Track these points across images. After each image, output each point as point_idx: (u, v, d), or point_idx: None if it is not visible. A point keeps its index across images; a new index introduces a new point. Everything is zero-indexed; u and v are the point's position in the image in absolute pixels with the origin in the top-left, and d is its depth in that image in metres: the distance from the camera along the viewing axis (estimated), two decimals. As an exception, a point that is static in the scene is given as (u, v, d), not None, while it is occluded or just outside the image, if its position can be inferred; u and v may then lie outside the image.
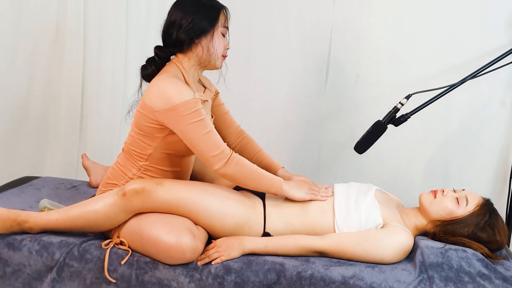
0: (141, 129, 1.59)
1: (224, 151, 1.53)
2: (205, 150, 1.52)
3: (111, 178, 1.68)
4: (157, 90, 1.53)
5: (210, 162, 1.53)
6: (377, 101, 2.30)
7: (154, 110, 1.52)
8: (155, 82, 1.56)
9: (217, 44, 1.60)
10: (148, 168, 1.64)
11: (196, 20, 1.56)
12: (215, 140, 1.53)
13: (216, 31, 1.59)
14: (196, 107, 1.51)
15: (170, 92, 1.50)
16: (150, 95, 1.54)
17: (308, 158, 2.48)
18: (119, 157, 1.70)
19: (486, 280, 1.42)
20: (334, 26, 2.31)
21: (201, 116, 1.51)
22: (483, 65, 1.79)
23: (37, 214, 1.60)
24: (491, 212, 1.58)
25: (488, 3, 2.09)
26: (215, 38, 1.59)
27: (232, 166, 1.54)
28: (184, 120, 1.50)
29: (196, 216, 1.55)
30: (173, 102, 1.49)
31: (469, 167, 2.26)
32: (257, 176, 1.59)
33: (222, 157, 1.53)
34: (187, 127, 1.50)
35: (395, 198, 1.77)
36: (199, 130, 1.51)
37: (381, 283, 1.42)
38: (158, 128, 1.56)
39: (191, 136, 1.52)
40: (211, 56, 1.60)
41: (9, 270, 1.57)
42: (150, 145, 1.60)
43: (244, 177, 1.57)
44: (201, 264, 1.50)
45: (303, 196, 1.63)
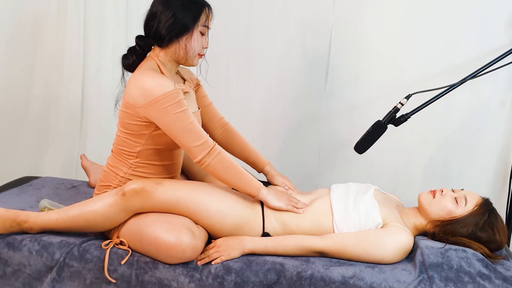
0: (127, 128, 1.60)
1: (207, 141, 1.53)
2: (188, 141, 1.52)
3: (103, 180, 1.69)
4: (136, 85, 1.53)
5: (193, 152, 1.53)
6: (377, 101, 2.30)
7: (136, 106, 1.52)
8: (133, 77, 1.57)
9: (195, 44, 1.59)
10: (138, 165, 1.64)
11: (177, 18, 1.54)
12: (198, 130, 1.53)
13: (195, 30, 1.58)
14: (178, 97, 1.50)
15: (150, 86, 1.50)
16: (130, 92, 1.55)
17: (308, 158, 2.48)
18: (109, 158, 1.71)
19: (486, 280, 1.42)
20: (334, 26, 2.31)
21: (184, 107, 1.51)
22: (483, 65, 1.79)
23: (37, 214, 1.60)
24: (490, 212, 1.58)
25: (488, 3, 2.09)
26: (193, 38, 1.58)
27: (214, 156, 1.53)
28: (166, 111, 1.49)
29: (195, 216, 1.55)
30: (153, 95, 1.49)
31: (469, 167, 2.25)
32: (237, 171, 1.57)
33: (205, 146, 1.53)
34: (169, 119, 1.50)
35: (394, 198, 1.77)
36: (182, 120, 1.50)
37: (381, 283, 1.42)
38: (144, 125, 1.56)
39: (173, 127, 1.51)
40: (187, 54, 1.59)
41: (9, 270, 1.57)
42: (138, 142, 1.61)
43: (225, 170, 1.56)
44: (201, 264, 1.50)
45: (280, 206, 1.61)
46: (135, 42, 1.65)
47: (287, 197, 1.65)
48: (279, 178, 1.84)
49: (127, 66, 1.64)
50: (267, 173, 1.86)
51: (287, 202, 1.62)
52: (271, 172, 1.85)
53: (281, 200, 1.62)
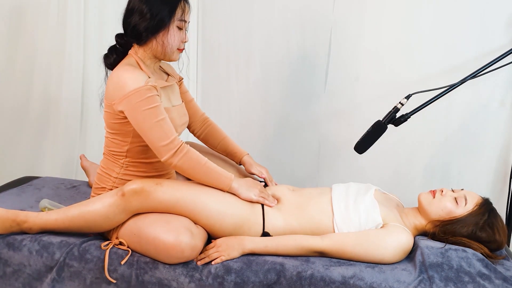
0: (112, 127, 1.60)
1: (173, 141, 1.52)
2: (155, 139, 1.52)
3: (98, 183, 1.69)
4: (111, 81, 1.54)
5: (159, 151, 1.53)
6: (377, 101, 2.30)
7: (112, 103, 1.53)
8: (110, 76, 1.57)
9: (172, 39, 1.58)
10: (129, 164, 1.64)
11: (152, 14, 1.54)
12: (166, 129, 1.52)
13: (171, 26, 1.57)
14: (148, 94, 1.50)
15: (123, 81, 1.50)
16: (108, 90, 1.56)
17: (308, 158, 2.48)
18: (102, 161, 1.71)
19: (486, 280, 1.42)
20: (334, 26, 2.31)
21: (154, 104, 1.50)
22: (483, 65, 1.79)
23: (36, 214, 1.60)
24: (490, 212, 1.58)
25: (488, 3, 2.09)
26: (170, 33, 1.57)
27: (180, 157, 1.53)
28: (136, 107, 1.49)
29: (195, 216, 1.55)
30: (125, 90, 1.49)
31: (469, 167, 2.25)
32: (205, 169, 1.57)
33: (171, 147, 1.52)
34: (138, 115, 1.50)
35: (394, 198, 1.77)
36: (150, 118, 1.50)
37: (381, 283, 1.42)
38: (124, 122, 1.57)
39: (142, 124, 1.51)
40: (165, 50, 1.59)
41: (9, 270, 1.57)
42: (124, 141, 1.61)
43: (191, 169, 1.56)
44: (201, 264, 1.50)
45: (251, 196, 1.62)
46: (115, 40, 1.65)
47: (260, 188, 1.66)
48: (256, 167, 1.85)
49: (108, 65, 1.64)
50: (245, 163, 1.87)
51: (257, 193, 1.63)
52: (248, 162, 1.86)
53: (251, 191, 1.62)
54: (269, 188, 1.75)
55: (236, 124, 2.54)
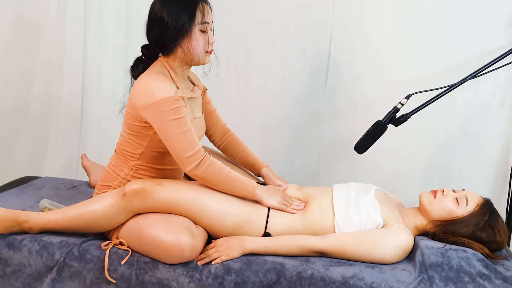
0: (130, 128, 1.60)
1: (197, 153, 1.53)
2: (179, 150, 1.52)
3: (104, 180, 1.69)
4: (140, 87, 1.54)
5: (183, 162, 1.53)
6: (377, 101, 2.30)
7: (137, 107, 1.53)
8: (139, 79, 1.57)
9: (196, 44, 1.57)
10: (140, 167, 1.64)
11: (171, 23, 1.53)
12: (190, 140, 1.52)
13: (194, 31, 1.56)
14: (176, 104, 1.50)
15: (152, 88, 1.50)
16: (134, 93, 1.55)
17: (308, 158, 2.48)
18: (112, 158, 1.71)
19: (486, 280, 1.42)
20: (334, 26, 2.31)
21: (181, 115, 1.51)
22: (483, 65, 1.79)
23: (37, 214, 1.60)
24: (491, 212, 1.58)
25: (488, 3, 2.09)
26: (193, 39, 1.56)
27: (204, 169, 1.53)
28: (163, 116, 1.49)
29: (196, 216, 1.55)
30: (153, 98, 1.49)
31: (469, 167, 2.25)
32: (228, 179, 1.58)
33: (194, 159, 1.52)
34: (164, 124, 1.50)
35: (395, 198, 1.77)
36: (176, 128, 1.50)
37: (381, 283, 1.42)
38: (145, 126, 1.56)
39: (167, 134, 1.51)
40: (192, 55, 1.58)
41: (9, 270, 1.57)
42: (140, 144, 1.61)
43: (215, 180, 1.56)
44: (201, 264, 1.50)
45: (274, 204, 1.62)
46: (140, 52, 1.65)
47: (282, 195, 1.66)
48: (275, 180, 1.83)
49: (135, 76, 1.63)
50: (265, 176, 1.86)
51: (280, 201, 1.63)
52: (267, 174, 1.85)
53: (274, 198, 1.63)
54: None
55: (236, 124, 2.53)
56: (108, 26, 2.54)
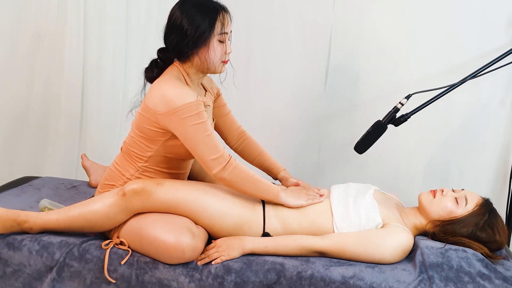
0: (143, 131, 1.59)
1: (223, 155, 1.53)
2: (205, 153, 1.52)
3: (108, 179, 1.68)
4: (159, 92, 1.52)
5: (209, 165, 1.53)
6: (377, 101, 2.30)
7: (156, 113, 1.52)
8: (157, 84, 1.56)
9: (213, 54, 1.58)
10: (146, 169, 1.63)
11: (191, 31, 1.53)
12: (215, 143, 1.53)
13: (212, 41, 1.56)
14: (198, 109, 1.50)
15: (172, 95, 1.50)
16: (152, 98, 1.54)
17: (308, 158, 2.48)
18: (117, 157, 1.70)
19: (486, 280, 1.42)
20: (334, 26, 2.31)
21: (203, 119, 1.51)
22: (483, 65, 1.79)
23: (37, 214, 1.60)
24: (491, 212, 1.58)
25: (488, 3, 2.09)
26: (211, 48, 1.57)
27: (230, 171, 1.53)
28: (186, 122, 1.49)
29: (196, 216, 1.55)
30: (174, 104, 1.49)
31: (469, 167, 2.26)
32: (254, 181, 1.58)
33: (221, 161, 1.52)
34: (188, 130, 1.50)
35: (394, 198, 1.77)
36: (200, 132, 1.50)
37: (381, 283, 1.42)
38: (160, 132, 1.56)
39: (191, 139, 1.51)
40: (209, 65, 1.59)
41: (9, 270, 1.57)
42: (150, 148, 1.60)
43: (241, 182, 1.56)
44: (201, 264, 1.50)
45: (302, 204, 1.62)
46: (156, 55, 1.64)
47: (305, 192, 1.67)
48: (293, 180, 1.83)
49: (150, 79, 1.63)
50: (282, 179, 1.85)
51: (306, 198, 1.64)
52: (285, 178, 1.85)
53: (300, 197, 1.64)
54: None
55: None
56: (108, 26, 2.54)
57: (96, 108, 2.63)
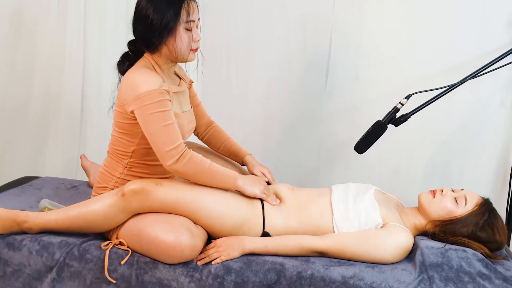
0: (120, 127, 1.60)
1: (177, 148, 1.52)
2: (159, 144, 1.51)
3: (100, 182, 1.69)
4: (126, 82, 1.54)
5: (163, 156, 1.52)
6: (377, 101, 2.30)
7: (124, 103, 1.54)
8: (125, 76, 1.58)
9: (181, 42, 1.56)
10: (133, 164, 1.63)
11: (156, 21, 1.52)
12: (172, 135, 1.52)
13: (178, 30, 1.55)
14: (161, 97, 1.50)
15: (137, 82, 1.51)
16: (121, 90, 1.56)
17: (308, 158, 2.48)
18: (105, 160, 1.71)
19: (486, 280, 1.42)
20: (334, 26, 2.31)
21: (164, 108, 1.50)
22: (483, 65, 1.79)
23: (36, 214, 1.60)
24: (490, 212, 1.58)
25: (488, 3, 2.09)
26: (177, 37, 1.55)
27: (184, 163, 1.53)
28: (146, 109, 1.49)
29: (195, 216, 1.55)
30: (138, 91, 1.49)
31: (469, 167, 2.25)
32: (209, 172, 1.57)
33: (174, 153, 1.51)
34: (146, 117, 1.50)
35: (394, 198, 1.77)
36: (158, 121, 1.50)
37: (381, 283, 1.42)
38: (134, 123, 1.56)
39: (149, 127, 1.51)
40: (177, 53, 1.58)
41: (9, 270, 1.57)
42: (131, 142, 1.61)
43: (196, 174, 1.56)
44: (201, 264, 1.50)
45: (255, 192, 1.63)
46: (127, 47, 1.65)
47: (264, 185, 1.67)
48: (259, 167, 1.85)
49: (122, 72, 1.64)
50: (247, 163, 1.87)
51: (261, 190, 1.64)
52: (251, 162, 1.86)
53: (256, 187, 1.64)
54: (270, 187, 1.75)
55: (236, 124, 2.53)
56: (108, 26, 2.54)
57: (96, 108, 2.63)
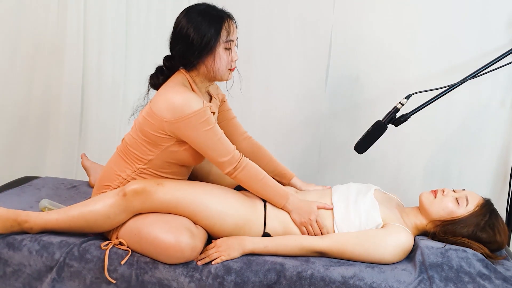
0: (146, 135, 1.58)
1: (234, 156, 1.56)
2: (216, 156, 1.55)
3: (104, 180, 1.67)
4: (165, 99, 1.53)
5: (221, 166, 1.57)
6: (377, 101, 2.30)
7: (163, 120, 1.52)
8: (163, 91, 1.56)
9: (220, 62, 1.58)
10: (144, 171, 1.62)
11: (197, 40, 1.53)
12: (225, 146, 1.56)
13: (218, 49, 1.56)
14: (206, 116, 1.52)
15: (179, 102, 1.50)
16: (158, 104, 1.54)
17: (309, 158, 2.48)
18: (113, 157, 1.69)
19: (486, 280, 1.42)
20: (334, 26, 2.31)
21: (211, 124, 1.53)
22: (483, 65, 1.79)
23: (37, 214, 1.60)
24: (491, 212, 1.58)
25: (488, 3, 2.09)
26: (217, 56, 1.56)
27: (240, 170, 1.57)
28: (195, 129, 1.51)
29: (196, 216, 1.55)
30: (183, 113, 1.49)
31: (469, 167, 2.25)
32: (262, 184, 1.61)
33: (232, 161, 1.56)
34: (197, 136, 1.52)
35: (395, 198, 1.77)
36: (210, 138, 1.53)
37: (381, 283, 1.42)
38: (165, 138, 1.56)
39: (202, 144, 1.54)
40: (215, 73, 1.59)
41: (9, 270, 1.57)
42: (152, 152, 1.60)
43: (250, 182, 1.60)
44: (201, 264, 1.50)
45: (296, 220, 1.61)
46: (162, 63, 1.65)
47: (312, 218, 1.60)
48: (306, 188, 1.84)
49: (154, 86, 1.64)
50: (295, 186, 1.86)
51: (303, 222, 1.60)
52: (297, 185, 1.86)
53: (301, 216, 1.61)
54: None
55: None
56: (108, 26, 2.54)
57: (96, 109, 2.63)
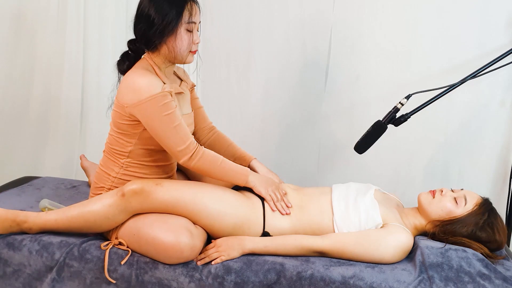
0: (118, 127, 1.60)
1: (189, 146, 1.55)
2: (172, 144, 1.54)
3: (97, 182, 1.69)
4: (126, 85, 1.54)
5: (176, 155, 1.56)
6: (377, 101, 2.30)
7: (124, 105, 1.54)
8: (125, 77, 1.58)
9: (181, 43, 1.57)
10: (130, 164, 1.64)
11: (158, 20, 1.53)
12: (182, 134, 1.55)
13: (179, 30, 1.56)
14: (165, 100, 1.51)
15: (138, 86, 1.51)
16: (121, 91, 1.56)
17: (308, 158, 2.48)
18: (101, 160, 1.71)
19: (486, 280, 1.42)
20: (334, 26, 2.31)
21: (170, 110, 1.52)
22: (483, 65, 1.79)
23: (36, 214, 1.60)
24: (490, 212, 1.58)
25: (488, 3, 2.09)
26: (178, 38, 1.56)
27: (197, 160, 1.56)
28: (152, 114, 1.50)
29: (195, 216, 1.55)
30: (141, 96, 1.50)
31: (469, 167, 2.25)
32: (221, 169, 1.61)
33: (187, 151, 1.55)
34: (154, 121, 1.52)
35: (394, 198, 1.77)
36: (166, 124, 1.52)
37: (381, 283, 1.42)
38: (133, 124, 1.57)
39: (158, 130, 1.53)
40: (176, 54, 1.59)
41: (9, 270, 1.57)
42: (129, 142, 1.61)
43: (208, 169, 1.60)
44: (201, 264, 1.50)
45: (261, 192, 1.63)
46: (127, 46, 1.65)
47: (275, 186, 1.66)
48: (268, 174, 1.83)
49: (122, 71, 1.64)
50: (254, 169, 1.85)
51: (269, 191, 1.64)
52: (259, 167, 1.85)
53: (265, 187, 1.64)
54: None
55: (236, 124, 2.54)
56: (108, 25, 2.54)
57: (96, 108, 2.63)
